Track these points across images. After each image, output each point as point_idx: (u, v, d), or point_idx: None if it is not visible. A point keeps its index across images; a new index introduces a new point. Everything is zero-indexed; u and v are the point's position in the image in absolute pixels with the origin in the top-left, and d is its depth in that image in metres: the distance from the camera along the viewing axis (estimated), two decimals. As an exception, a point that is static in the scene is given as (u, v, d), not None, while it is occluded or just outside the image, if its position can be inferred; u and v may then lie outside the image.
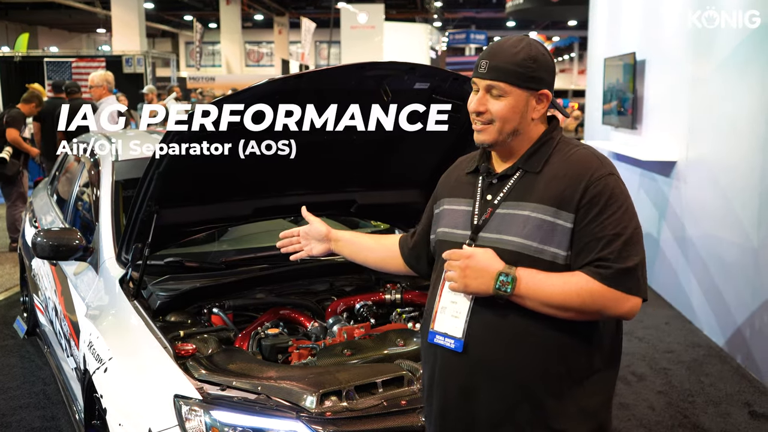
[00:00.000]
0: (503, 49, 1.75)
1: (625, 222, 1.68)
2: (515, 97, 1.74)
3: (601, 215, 1.67)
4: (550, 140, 1.81)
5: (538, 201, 1.72)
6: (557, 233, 1.69)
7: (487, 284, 1.69)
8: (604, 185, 1.69)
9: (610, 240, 1.66)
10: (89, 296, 3.00)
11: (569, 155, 1.77)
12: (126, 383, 2.41)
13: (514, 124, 1.76)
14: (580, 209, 1.68)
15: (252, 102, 2.46)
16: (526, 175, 1.78)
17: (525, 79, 1.73)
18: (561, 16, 29.31)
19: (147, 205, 2.59)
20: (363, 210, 3.32)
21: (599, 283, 1.65)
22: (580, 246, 1.68)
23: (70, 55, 15.46)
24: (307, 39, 22.07)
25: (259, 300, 2.98)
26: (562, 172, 1.73)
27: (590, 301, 1.66)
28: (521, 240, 1.71)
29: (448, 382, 1.80)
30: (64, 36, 33.78)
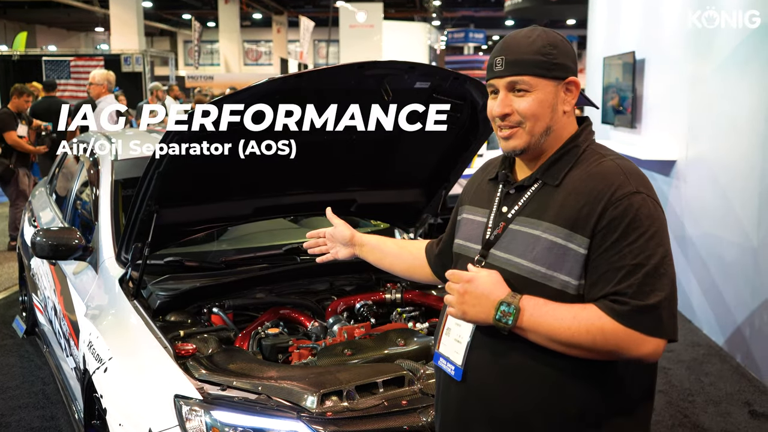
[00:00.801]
0: (517, 41, 1.56)
1: (649, 250, 1.44)
2: (542, 89, 1.54)
3: (621, 241, 1.44)
4: (575, 148, 1.57)
5: (552, 220, 1.50)
6: (569, 259, 1.48)
7: (486, 313, 1.51)
8: (626, 206, 1.45)
9: (629, 271, 1.43)
10: (89, 296, 2.99)
11: (593, 167, 1.53)
12: (126, 383, 2.40)
13: (547, 120, 1.55)
14: (596, 233, 1.46)
15: (252, 101, 2.46)
16: (544, 187, 1.57)
17: (549, 68, 1.54)
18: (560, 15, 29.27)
19: (147, 204, 2.58)
20: (363, 209, 3.32)
21: (613, 320, 1.43)
22: (596, 276, 1.46)
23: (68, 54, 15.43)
24: (306, 38, 22.04)
25: (259, 299, 2.98)
26: (581, 187, 1.50)
27: (602, 340, 1.44)
28: (528, 263, 1.52)
29: (447, 407, 1.69)
30: (62, 35, 33.72)
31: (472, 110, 2.87)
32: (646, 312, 1.42)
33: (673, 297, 1.46)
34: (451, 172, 3.19)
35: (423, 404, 2.21)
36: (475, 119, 2.92)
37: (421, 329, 2.82)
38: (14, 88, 7.46)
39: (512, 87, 1.56)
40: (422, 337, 2.68)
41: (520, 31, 1.59)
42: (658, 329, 1.44)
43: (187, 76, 24.27)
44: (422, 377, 2.33)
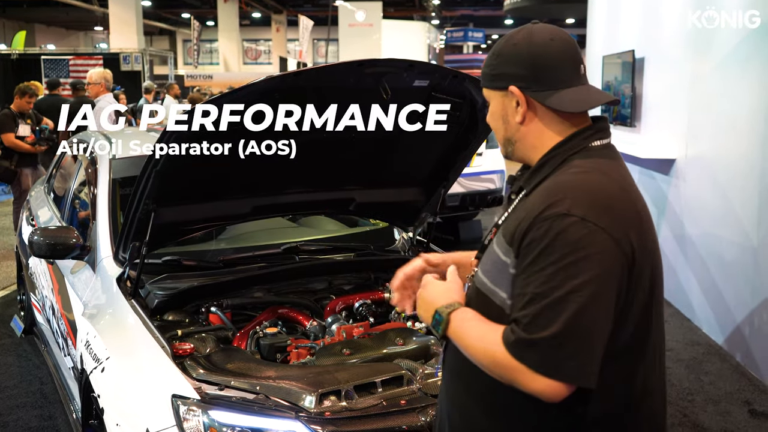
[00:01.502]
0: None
1: (557, 281, 1.30)
2: (494, 101, 1.53)
3: (532, 266, 1.34)
4: (554, 158, 1.47)
5: (503, 233, 1.45)
6: (505, 275, 1.41)
7: (427, 319, 1.53)
8: (547, 229, 1.33)
9: (530, 299, 1.32)
10: (86, 295, 2.98)
11: (551, 180, 1.43)
12: (123, 383, 2.39)
13: (502, 132, 1.53)
14: (519, 253, 1.38)
15: (250, 100, 2.44)
16: (525, 197, 1.49)
17: (491, 79, 1.52)
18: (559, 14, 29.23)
19: (144, 203, 2.58)
20: (362, 208, 3.31)
21: (503, 346, 1.35)
22: (512, 299, 1.40)
23: (67, 52, 15.43)
24: (305, 37, 22.03)
25: (258, 299, 2.97)
26: (530, 201, 1.43)
27: (493, 365, 1.37)
28: (482, 275, 1.49)
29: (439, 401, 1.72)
30: (61, 34, 33.71)
31: (472, 109, 2.86)
32: (530, 346, 1.31)
33: (574, 336, 1.30)
34: (450, 170, 3.17)
35: (422, 404, 2.21)
36: (475, 118, 2.91)
37: (419, 328, 2.81)
38: (18, 88, 7.45)
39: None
40: (421, 336, 2.67)
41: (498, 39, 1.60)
42: (541, 366, 1.31)
43: (186, 75, 24.27)
44: (421, 377, 2.33)
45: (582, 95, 1.47)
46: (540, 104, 1.47)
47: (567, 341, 1.30)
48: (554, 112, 1.48)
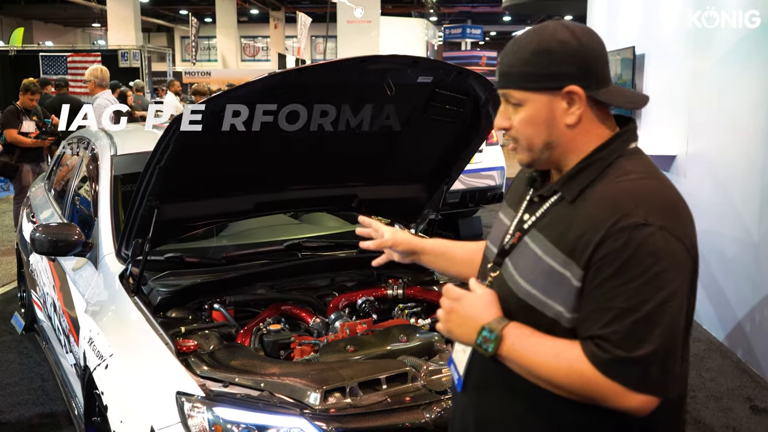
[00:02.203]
0: (513, 47, 1.41)
1: (645, 293, 1.25)
2: (533, 104, 1.38)
3: (614, 280, 1.26)
4: (598, 161, 1.38)
5: (555, 241, 1.35)
6: (564, 288, 1.33)
7: (468, 335, 1.41)
8: (626, 240, 1.26)
9: (617, 315, 1.26)
10: (89, 292, 2.98)
11: (609, 187, 1.34)
12: (127, 380, 2.38)
13: (543, 137, 1.39)
14: (591, 266, 1.29)
15: (252, 97, 2.43)
16: (561, 201, 1.41)
17: (538, 80, 1.37)
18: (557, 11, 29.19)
19: (147, 200, 2.57)
20: (364, 205, 3.30)
21: (592, 366, 1.28)
22: (584, 314, 1.31)
23: (65, 49, 15.40)
24: (303, 33, 21.98)
25: (260, 296, 2.96)
26: (590, 209, 1.33)
27: (579, 385, 1.30)
28: (526, 285, 1.39)
29: (453, 415, 1.65)
30: (59, 30, 33.63)
31: (475, 105, 2.86)
32: (629, 365, 1.26)
33: (668, 350, 1.27)
34: (452, 167, 3.17)
35: (426, 401, 2.20)
36: (478, 114, 2.90)
37: (423, 325, 2.81)
38: (22, 84, 7.47)
39: (507, 99, 1.42)
40: (424, 333, 2.66)
41: (524, 33, 1.43)
42: (642, 384, 1.26)
43: (184, 72, 24.21)
44: (425, 374, 2.32)
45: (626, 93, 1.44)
46: (588, 105, 1.39)
47: (665, 357, 1.27)
48: (599, 113, 1.41)
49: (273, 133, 2.64)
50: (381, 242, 1.89)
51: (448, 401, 2.21)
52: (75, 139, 4.44)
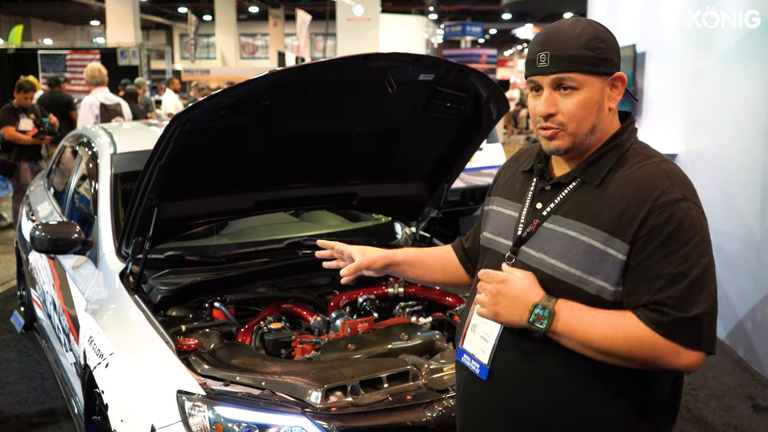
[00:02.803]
0: (562, 33, 1.47)
1: (692, 261, 1.39)
2: (589, 87, 1.46)
3: (663, 250, 1.39)
4: (618, 147, 1.51)
5: (591, 222, 1.44)
6: (606, 264, 1.42)
7: (519, 315, 1.46)
8: (670, 213, 1.39)
9: (670, 280, 1.38)
10: (89, 290, 2.97)
11: (636, 169, 1.46)
12: (128, 379, 2.38)
13: (592, 119, 1.47)
14: (637, 240, 1.40)
15: (253, 94, 2.42)
16: (583, 186, 1.50)
17: (596, 63, 1.45)
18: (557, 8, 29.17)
19: (147, 198, 2.55)
20: (364, 203, 3.29)
21: (652, 330, 1.39)
22: (634, 284, 1.41)
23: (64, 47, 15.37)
24: (303, 31, 21.95)
25: (261, 294, 2.95)
26: (624, 190, 1.44)
27: (639, 350, 1.40)
28: (563, 265, 1.46)
29: (468, 404, 1.65)
30: (58, 28, 33.59)
31: (476, 103, 2.84)
32: (687, 324, 1.38)
33: (714, 310, 1.42)
34: (453, 165, 3.16)
35: (428, 399, 2.20)
36: (479, 112, 2.89)
37: (424, 323, 2.80)
38: (17, 83, 7.46)
39: (558, 84, 1.47)
40: (426, 331, 2.65)
41: (563, 23, 1.49)
42: (698, 342, 1.39)
43: (183, 69, 24.18)
44: (426, 372, 2.32)
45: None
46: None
47: (712, 316, 1.41)
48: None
49: (274, 130, 2.63)
50: (357, 265, 1.89)
51: (449, 400, 2.21)
52: (74, 137, 4.42)
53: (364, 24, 20.62)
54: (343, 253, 1.94)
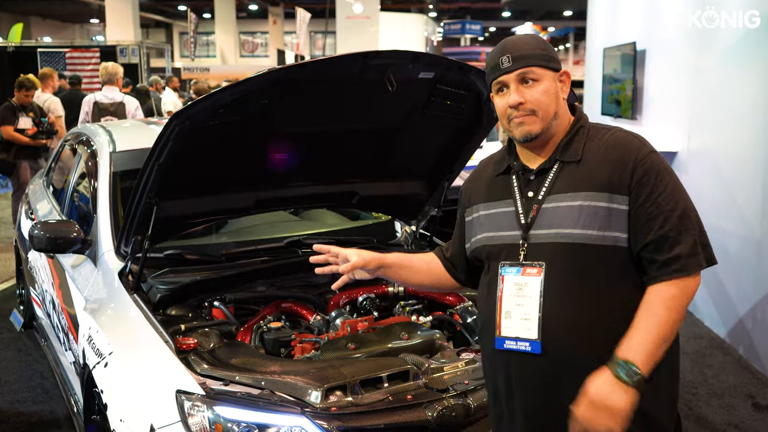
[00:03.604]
0: (517, 41, 1.77)
1: (676, 196, 1.67)
2: (547, 79, 1.74)
3: (653, 193, 1.66)
4: (581, 128, 1.79)
5: (588, 189, 1.69)
6: (614, 217, 1.67)
7: (622, 399, 1.58)
8: (650, 163, 1.68)
9: (667, 216, 1.65)
10: (88, 289, 2.96)
11: (607, 139, 1.75)
12: (127, 378, 2.37)
13: (554, 107, 1.75)
14: (632, 191, 1.67)
15: (252, 92, 2.41)
16: (565, 166, 1.75)
17: (549, 60, 1.75)
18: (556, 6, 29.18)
19: (147, 196, 2.54)
20: (364, 202, 3.28)
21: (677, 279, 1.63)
22: (638, 226, 1.67)
23: (63, 45, 15.32)
24: (302, 29, 21.93)
25: (261, 293, 2.94)
26: (605, 156, 1.72)
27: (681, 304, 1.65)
28: (579, 230, 1.68)
29: (530, 384, 1.74)
30: (57, 26, 33.56)
31: (476, 101, 2.83)
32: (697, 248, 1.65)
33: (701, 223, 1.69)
34: (454, 163, 3.15)
35: (428, 399, 2.20)
36: (479, 110, 2.88)
37: (424, 322, 2.79)
38: (17, 81, 7.44)
39: (522, 79, 1.73)
40: (426, 330, 2.65)
41: (516, 36, 1.82)
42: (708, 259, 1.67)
43: (183, 67, 24.15)
44: (427, 372, 2.31)
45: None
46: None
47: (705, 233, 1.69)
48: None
49: (273, 128, 2.62)
50: (353, 264, 1.98)
51: (450, 399, 2.21)
52: (74, 135, 4.41)
53: (363, 22, 20.58)
54: (339, 256, 2.01)
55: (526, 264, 1.74)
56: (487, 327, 1.83)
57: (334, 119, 2.75)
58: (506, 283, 1.76)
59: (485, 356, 1.88)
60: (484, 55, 26.87)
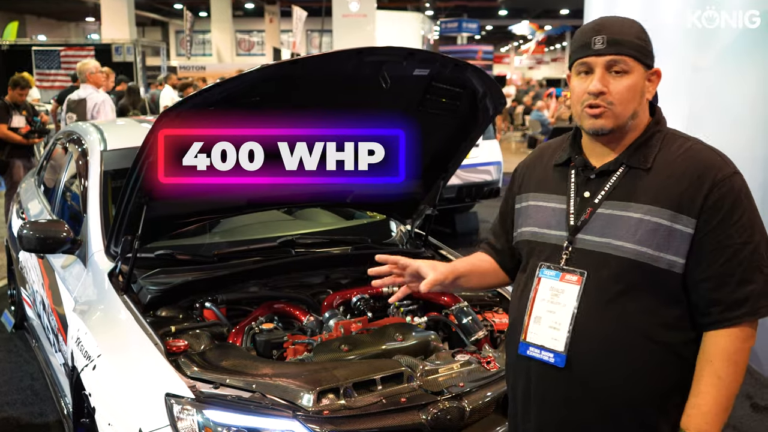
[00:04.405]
0: (618, 21, 1.60)
1: (752, 227, 1.52)
2: (637, 74, 1.57)
3: (726, 221, 1.50)
4: (657, 133, 1.62)
5: (652, 202, 1.53)
6: (675, 239, 1.52)
7: None
8: (729, 187, 1.52)
9: (737, 250, 1.50)
10: (77, 290, 2.92)
11: (684, 150, 1.58)
12: (115, 381, 2.33)
13: (635, 105, 1.58)
14: (702, 213, 1.51)
15: (244, 89, 2.37)
16: (631, 171, 1.59)
17: (645, 54, 1.58)
18: (553, 5, 29.20)
19: (137, 196, 2.50)
20: (359, 200, 3.24)
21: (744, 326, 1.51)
22: (701, 255, 1.52)
23: (58, 43, 15.26)
24: (299, 28, 21.87)
25: (253, 294, 2.89)
26: (679, 170, 1.55)
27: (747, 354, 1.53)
28: (634, 246, 1.53)
29: (548, 398, 1.64)
30: (52, 25, 33.45)
31: (472, 99, 2.79)
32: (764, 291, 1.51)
33: None
34: (449, 162, 3.11)
35: (422, 402, 2.16)
36: (475, 108, 2.84)
37: (419, 323, 2.75)
38: (11, 80, 7.38)
39: (611, 66, 1.56)
40: (421, 331, 2.61)
41: (616, 16, 1.63)
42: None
43: (179, 66, 24.09)
44: (421, 374, 2.28)
45: None
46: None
47: None
48: None
49: (266, 125, 2.58)
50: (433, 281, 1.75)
51: (444, 402, 2.18)
52: (65, 134, 4.36)
53: (359, 20, 20.55)
54: (407, 269, 1.81)
55: (567, 270, 1.61)
56: (513, 329, 1.73)
57: (327, 117, 2.70)
58: (542, 285, 1.64)
59: (508, 362, 1.79)
60: (480, 53, 26.88)
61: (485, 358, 2.45)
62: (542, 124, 16.47)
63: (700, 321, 1.54)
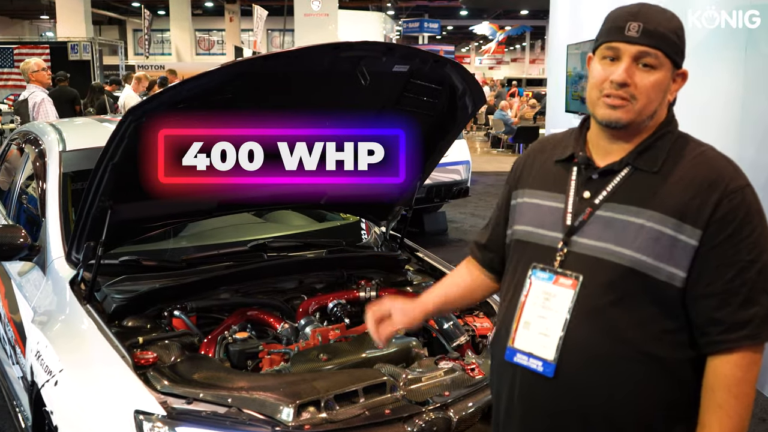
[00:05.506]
0: (657, 11, 1.48)
1: (762, 244, 1.41)
2: (665, 71, 1.46)
3: (735, 236, 1.40)
4: (668, 134, 1.51)
5: (657, 209, 1.43)
6: (678, 250, 1.41)
7: None
8: (741, 199, 1.41)
9: (743, 267, 1.39)
10: (36, 299, 2.77)
11: (695, 156, 1.47)
12: (79, 398, 2.19)
13: (656, 104, 1.47)
14: (710, 225, 1.40)
15: (214, 86, 2.25)
16: (636, 173, 1.49)
17: (677, 52, 1.48)
18: (513, 5, 29.42)
19: (100, 199, 2.38)
20: (333, 202, 3.14)
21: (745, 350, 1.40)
22: (704, 270, 1.41)
23: (12, 41, 14.87)
24: (260, 27, 21.69)
25: (224, 300, 2.78)
26: (688, 176, 1.44)
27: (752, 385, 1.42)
28: (633, 253, 1.42)
29: (533, 409, 1.54)
30: (5, 22, 32.76)
31: (451, 96, 2.72)
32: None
33: None
34: (426, 162, 3.02)
35: (407, 413, 2.09)
36: (454, 106, 2.76)
37: (398, 329, 2.66)
38: None
39: (640, 58, 1.45)
40: (401, 338, 2.53)
41: (656, 5, 1.50)
42: None
43: (137, 65, 23.70)
44: (404, 383, 2.22)
45: None
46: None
47: None
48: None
49: (240, 124, 2.47)
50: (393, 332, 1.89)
51: (429, 413, 2.12)
52: (21, 134, 4.17)
53: (321, 19, 20.45)
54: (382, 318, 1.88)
55: (561, 273, 1.51)
56: (500, 333, 1.63)
57: (300, 115, 2.60)
58: (534, 288, 1.54)
59: (493, 366, 1.69)
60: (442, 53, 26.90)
61: (469, 365, 2.38)
62: (505, 123, 16.54)
63: (698, 341, 1.44)
